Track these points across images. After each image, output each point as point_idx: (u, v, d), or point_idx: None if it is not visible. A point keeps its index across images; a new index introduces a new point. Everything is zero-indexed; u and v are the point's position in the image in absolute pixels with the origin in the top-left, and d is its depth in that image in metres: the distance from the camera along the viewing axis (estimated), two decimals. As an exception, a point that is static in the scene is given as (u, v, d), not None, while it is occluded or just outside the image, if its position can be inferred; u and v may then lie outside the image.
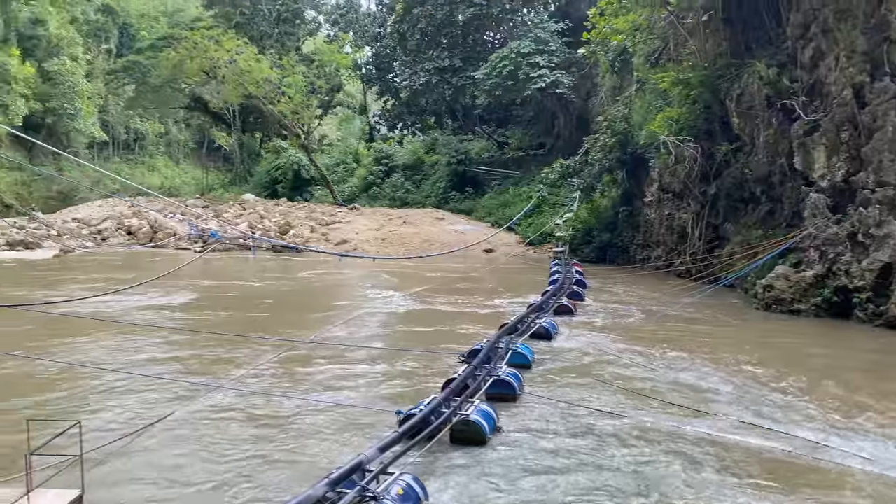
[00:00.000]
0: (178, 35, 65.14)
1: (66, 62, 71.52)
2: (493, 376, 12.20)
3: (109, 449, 9.44)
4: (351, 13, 72.67)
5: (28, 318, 17.98)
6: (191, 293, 24.50)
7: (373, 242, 40.30)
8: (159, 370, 13.90)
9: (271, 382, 13.37)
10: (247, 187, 66.11)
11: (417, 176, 56.41)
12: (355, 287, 28.39)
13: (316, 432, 10.57)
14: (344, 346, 16.33)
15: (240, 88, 56.46)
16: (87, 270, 31.18)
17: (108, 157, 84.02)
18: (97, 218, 46.64)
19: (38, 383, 13.20)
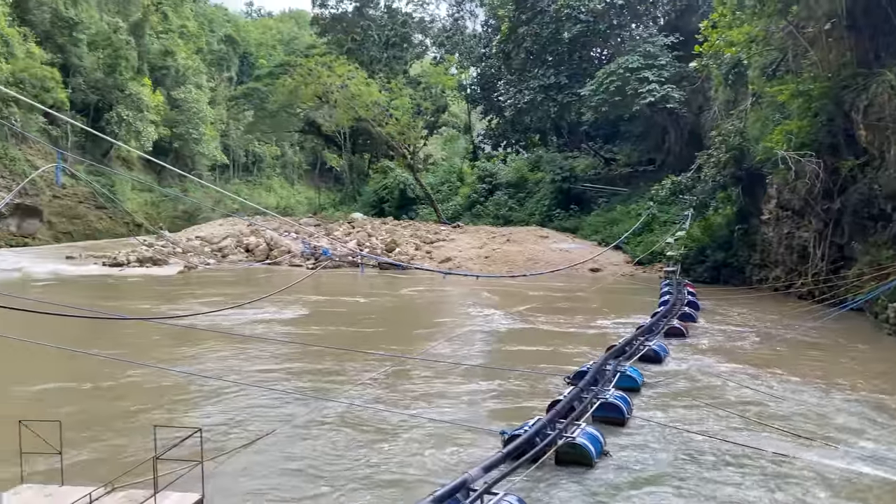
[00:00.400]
0: (293, 62, 68.34)
1: (191, 90, 76.67)
2: (601, 399, 11.88)
3: (227, 456, 9.88)
4: (457, 35, 73.87)
5: (154, 330, 19.18)
6: (302, 308, 25.37)
7: (476, 260, 40.43)
8: (272, 382, 14.44)
9: (377, 397, 13.59)
10: (356, 206, 68.11)
11: (521, 194, 56.25)
12: (457, 304, 28.54)
13: (420, 448, 10.63)
14: (447, 364, 16.40)
15: (350, 112, 58.40)
16: (207, 286, 32.96)
17: (229, 179, 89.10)
18: (218, 236, 49.32)
19: (162, 391, 14.01)
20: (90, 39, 64.32)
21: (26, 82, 52.40)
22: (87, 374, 15.03)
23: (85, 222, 59.87)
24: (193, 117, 75.38)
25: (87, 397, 13.67)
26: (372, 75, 63.35)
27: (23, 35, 56.58)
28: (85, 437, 10.74)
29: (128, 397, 13.61)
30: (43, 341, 13.67)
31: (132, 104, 63.93)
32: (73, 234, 57.46)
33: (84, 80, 62.78)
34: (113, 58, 63.73)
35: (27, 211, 53.10)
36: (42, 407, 12.33)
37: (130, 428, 11.57)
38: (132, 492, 7.78)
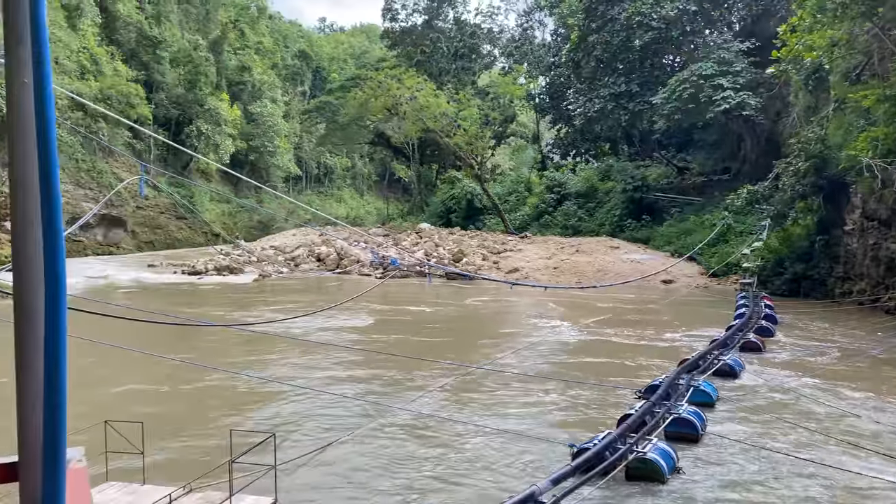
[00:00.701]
0: (363, 75, 69.67)
1: (267, 104, 79.09)
2: (673, 414, 11.57)
3: (300, 461, 10.08)
4: (526, 45, 73.81)
5: (229, 336, 19.78)
6: (370, 317, 25.70)
7: (544, 271, 40.10)
8: (341, 388, 14.66)
9: (443, 406, 13.61)
10: (423, 217, 68.65)
11: (591, 204, 55.55)
12: (524, 315, 28.35)
13: (486, 457, 10.58)
14: (514, 374, 16.29)
15: (419, 123, 59.02)
16: (280, 294, 33.79)
17: (302, 190, 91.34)
18: (291, 246, 50.56)
19: (236, 395, 14.42)
20: (172, 57, 67.20)
21: (113, 98, 55.10)
22: (165, 377, 15.61)
23: (166, 232, 62.39)
24: (268, 130, 77.70)
25: (166, 399, 14.20)
26: (440, 87, 63.89)
27: (110, 54, 59.62)
28: (164, 438, 11.15)
29: (204, 400, 14.05)
30: (125, 345, 14.28)
31: (211, 118, 66.37)
32: (154, 244, 59.96)
33: (166, 95, 65.58)
34: (193, 74, 66.35)
35: (113, 221, 55.74)
36: (125, 407, 12.86)
37: (206, 430, 11.94)
38: (209, 493, 8.02)
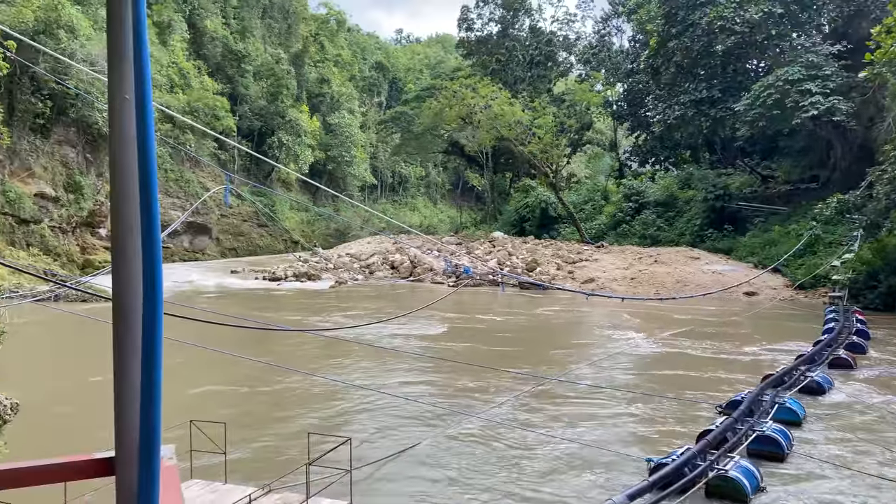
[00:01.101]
0: (439, 85, 70.31)
1: (345, 115, 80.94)
2: (757, 431, 11.12)
3: (374, 465, 10.21)
4: (603, 52, 72.92)
5: (306, 340, 20.24)
6: (443, 324, 25.81)
7: (621, 282, 39.35)
8: (414, 394, 14.77)
9: (516, 415, 13.52)
10: (496, 225, 68.57)
11: (670, 213, 54.20)
12: (598, 327, 27.89)
13: (559, 469, 10.45)
14: (588, 386, 16.02)
15: (493, 132, 59.08)
16: (355, 300, 34.38)
17: (377, 199, 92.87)
18: (366, 253, 51.42)
19: (313, 397, 14.73)
20: (255, 70, 69.62)
21: (199, 111, 57.50)
22: (244, 377, 16.10)
23: (248, 239, 64.52)
24: (346, 141, 79.45)
25: (245, 400, 14.64)
26: (515, 95, 63.80)
27: (197, 68, 62.28)
28: (244, 438, 11.49)
29: (281, 402, 14.42)
30: (209, 346, 14.80)
31: (291, 129, 68.36)
32: (237, 250, 62.10)
33: (249, 107, 67.96)
34: (275, 87, 68.55)
35: (199, 229, 58.07)
36: (206, 406, 13.33)
37: (284, 431, 12.24)
38: (287, 494, 8.23)
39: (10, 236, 39.02)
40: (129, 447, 1.50)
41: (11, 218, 39.52)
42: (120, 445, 1.51)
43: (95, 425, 12.69)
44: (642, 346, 22.52)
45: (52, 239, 41.69)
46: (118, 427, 1.52)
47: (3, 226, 38.80)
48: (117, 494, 1.52)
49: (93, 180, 46.17)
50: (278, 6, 77.80)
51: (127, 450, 1.50)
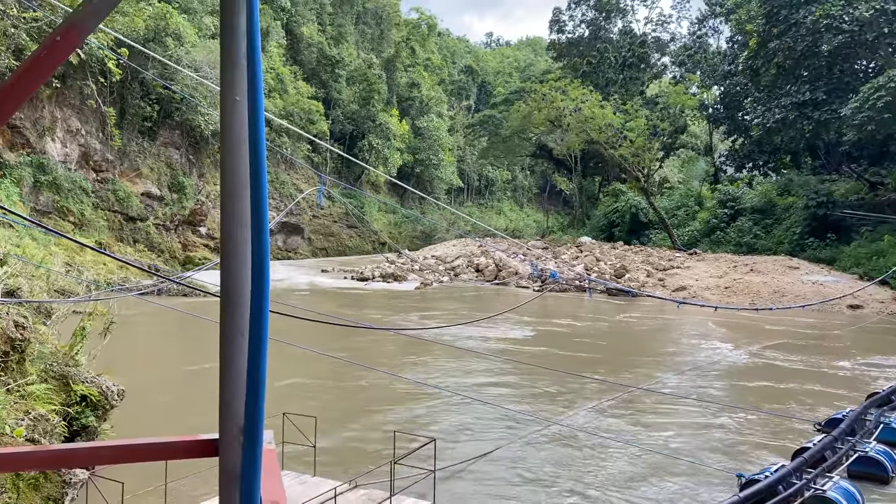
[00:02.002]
0: (528, 88, 70.04)
1: (433, 119, 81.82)
2: (859, 451, 10.52)
3: (458, 467, 10.28)
4: (699, 53, 70.75)
5: (390, 339, 20.57)
6: (527, 329, 25.66)
7: (714, 290, 38.00)
8: (496, 398, 14.76)
9: (598, 422, 13.30)
10: (584, 230, 67.59)
11: (768, 220, 51.92)
12: (687, 336, 27.02)
13: (642, 478, 10.21)
14: (674, 396, 15.56)
15: (582, 135, 58.31)
16: (441, 301, 34.67)
17: (463, 202, 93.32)
18: (451, 256, 51.80)
19: (396, 396, 14.97)
20: (348, 75, 71.36)
21: (295, 115, 59.44)
22: (329, 374, 16.52)
23: (338, 240, 66.17)
24: (434, 144, 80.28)
25: (332, 395, 15.02)
26: (606, 97, 62.75)
27: (293, 73, 64.39)
28: (331, 432, 11.80)
29: (366, 399, 14.73)
30: (296, 344, 15.28)
31: (381, 133, 69.68)
32: (327, 250, 63.80)
33: (342, 112, 69.71)
34: (367, 91, 70.04)
35: (292, 229, 60.04)
36: (293, 399, 13.77)
37: (369, 427, 12.50)
38: (372, 491, 8.41)
39: (119, 233, 41.50)
40: (232, 430, 1.59)
41: (120, 215, 42.04)
42: (223, 428, 1.60)
43: (191, 411, 13.34)
44: (733, 357, 21.70)
45: (156, 236, 44.07)
46: (222, 411, 1.61)
47: (112, 223, 41.32)
48: (220, 474, 1.60)
49: (194, 181, 48.51)
50: (372, 12, 79.48)
51: (230, 433, 1.59)
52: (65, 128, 39.29)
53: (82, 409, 9.92)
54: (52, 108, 38.29)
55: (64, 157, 39.11)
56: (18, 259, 17.24)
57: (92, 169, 41.07)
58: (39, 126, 37.51)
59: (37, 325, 11.12)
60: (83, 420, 9.81)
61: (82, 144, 40.36)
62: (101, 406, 10.22)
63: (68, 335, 11.47)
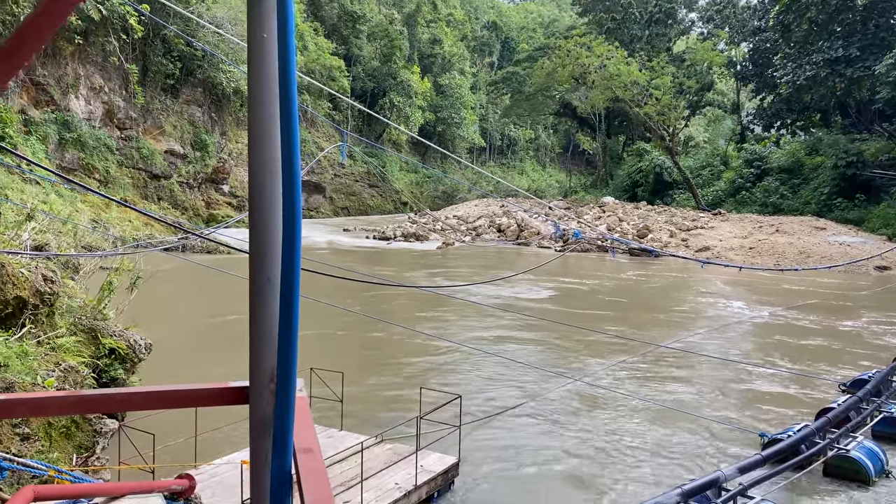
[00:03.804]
0: (552, 44, 68.73)
1: (455, 76, 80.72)
2: (884, 412, 10.45)
3: (482, 423, 10.39)
4: (728, 8, 68.72)
5: (411, 297, 20.66)
6: (548, 288, 25.64)
7: (738, 251, 37.60)
8: (520, 355, 14.82)
9: (620, 380, 13.33)
10: (607, 190, 66.93)
11: (795, 180, 51.03)
12: (710, 295, 26.84)
13: (665, 437, 10.24)
14: (695, 353, 15.53)
15: (607, 93, 57.32)
16: (462, 260, 34.70)
17: (485, 162, 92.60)
18: (473, 216, 51.65)
19: (420, 353, 15.08)
20: (369, 31, 70.42)
21: (316, 72, 58.97)
22: (353, 331, 16.67)
23: (359, 199, 66.20)
24: (456, 102, 79.36)
25: (356, 351, 15.18)
26: (632, 54, 61.44)
27: (314, 29, 63.70)
28: (357, 387, 11.95)
29: (390, 355, 14.87)
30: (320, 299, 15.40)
31: (403, 91, 68.98)
32: (349, 209, 63.91)
33: (363, 69, 69.02)
34: (388, 48, 69.17)
35: (313, 187, 60.12)
36: (319, 354, 13.94)
37: (393, 383, 12.64)
38: (397, 445, 8.52)
39: (143, 190, 41.83)
40: (262, 378, 1.58)
41: (145, 173, 42.32)
42: (253, 376, 1.59)
43: (215, 362, 13.56)
44: (756, 317, 21.56)
45: (180, 193, 44.37)
46: (253, 359, 1.60)
47: (137, 180, 41.63)
48: (251, 421, 1.60)
49: (217, 139, 48.56)
50: (394, -34, 78.13)
51: (260, 380, 1.58)
52: (88, 85, 39.37)
53: (111, 361, 10.12)
54: (76, 65, 38.33)
55: (88, 115, 39.28)
56: (46, 215, 17.46)
57: (116, 126, 41.24)
58: (63, 83, 37.62)
59: (65, 279, 11.29)
60: (112, 372, 10.02)
61: (106, 102, 40.47)
62: (129, 359, 10.42)
63: (96, 290, 11.64)
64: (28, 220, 11.97)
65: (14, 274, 9.06)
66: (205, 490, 6.86)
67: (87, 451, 7.30)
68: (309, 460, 1.44)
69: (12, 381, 6.79)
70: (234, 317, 18.11)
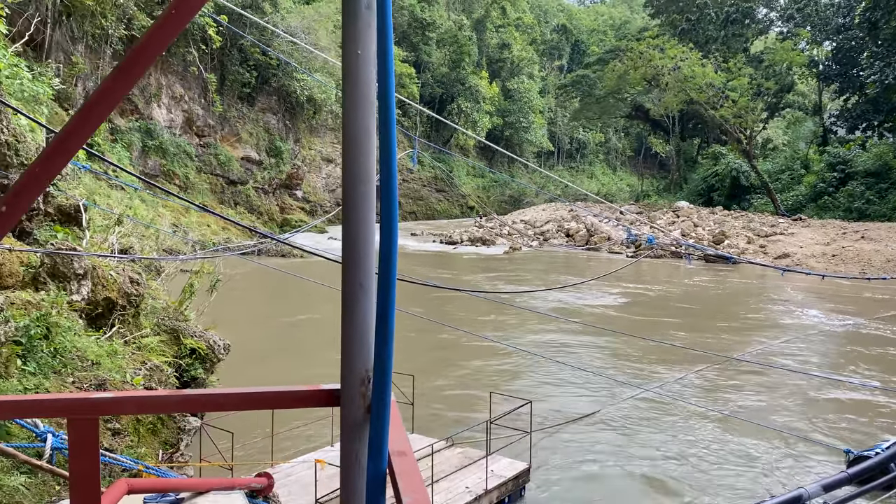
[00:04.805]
0: (624, 47, 67.68)
1: (524, 80, 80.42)
2: (982, 430, 9.84)
3: (553, 430, 10.32)
4: (810, 6, 66.15)
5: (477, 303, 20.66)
6: (620, 295, 25.21)
7: (820, 258, 36.08)
8: (589, 363, 14.64)
9: (692, 389, 12.99)
10: (681, 194, 65.37)
11: (883, 184, 48.62)
12: (789, 304, 25.82)
13: (740, 449, 9.93)
14: (774, 364, 14.97)
15: (681, 95, 56.05)
16: (530, 265, 34.50)
17: (553, 166, 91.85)
18: (541, 220, 51.27)
19: (488, 359, 15.07)
20: (438, 38, 70.94)
21: (386, 79, 59.62)
22: (421, 334, 16.78)
23: (426, 203, 66.71)
24: (524, 106, 79.05)
25: (424, 355, 15.28)
26: (707, 55, 59.91)
27: (385, 38, 64.53)
28: (426, 391, 12.03)
29: (460, 359, 14.91)
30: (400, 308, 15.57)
31: (471, 96, 69.19)
32: (416, 214, 64.48)
33: (431, 75, 69.58)
34: (457, 54, 69.52)
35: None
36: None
37: (462, 388, 12.67)
38: (468, 449, 8.55)
39: (220, 196, 43.29)
40: (353, 381, 1.62)
41: (222, 179, 43.81)
42: (345, 379, 1.63)
43: (290, 361, 13.90)
44: (840, 328, 20.64)
45: (255, 199, 45.72)
46: (345, 362, 1.64)
47: (214, 186, 43.13)
48: (342, 423, 1.64)
49: (290, 145, 49.84)
50: (463, -28, 78.54)
51: (352, 383, 1.62)
52: (170, 94, 41.08)
53: (192, 361, 10.51)
54: (158, 75, 40.06)
55: (169, 123, 40.97)
56: (130, 219, 18.28)
57: (195, 134, 42.87)
58: (147, 93, 39.37)
59: (149, 281, 11.80)
60: (192, 372, 10.40)
61: (186, 110, 42.12)
62: (208, 359, 10.80)
63: (177, 292, 12.12)
64: (117, 225, 12.57)
65: (104, 276, 9.53)
66: (281, 489, 7.04)
67: (171, 447, 7.61)
68: (404, 463, 1.47)
69: (104, 379, 7.15)
70: (305, 317, 18.57)
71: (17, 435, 5.94)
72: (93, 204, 17.01)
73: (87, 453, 1.67)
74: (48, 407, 1.81)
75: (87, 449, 1.67)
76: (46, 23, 30.23)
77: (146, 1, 35.63)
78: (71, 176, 14.01)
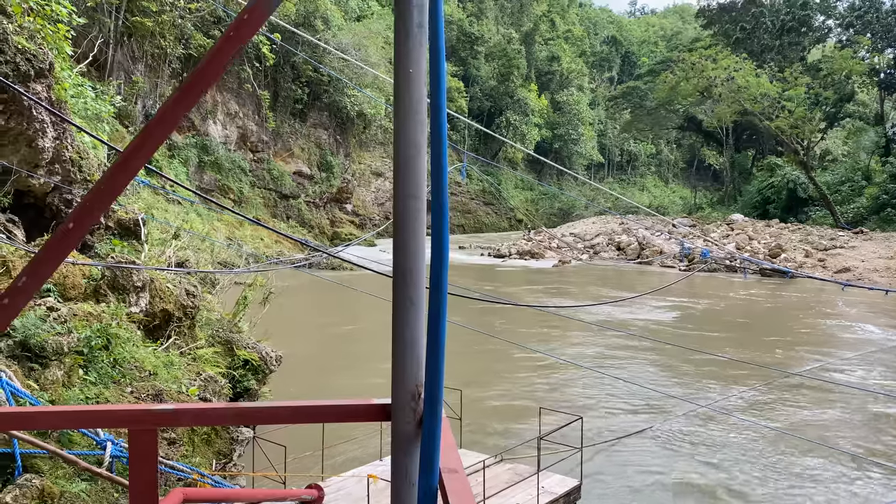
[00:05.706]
0: (675, 58, 66.81)
1: (573, 93, 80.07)
2: None
3: (605, 446, 10.16)
4: (870, 13, 64.21)
5: (528, 316, 20.53)
6: (674, 310, 24.74)
7: (883, 272, 34.76)
8: (642, 378, 14.36)
9: (749, 407, 12.62)
10: (735, 207, 63.93)
11: (950, 196, 46.79)
12: (851, 320, 24.90)
13: (800, 471, 9.58)
14: (833, 381, 14.43)
15: (735, 106, 54.95)
16: (581, 279, 34.14)
17: (603, 178, 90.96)
18: (591, 233, 50.74)
19: (538, 373, 14.94)
20: (487, 51, 71.21)
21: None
22: (467, 348, 16.74)
23: (475, 217, 66.78)
24: (573, 119, 78.64)
25: (472, 367, 15.24)
26: (761, 65, 58.64)
27: (437, 52, 65.12)
28: (473, 404, 11.99)
29: (506, 373, 14.82)
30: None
31: (519, 109, 69.17)
32: (464, 227, 64.59)
33: (480, 88, 69.82)
34: (506, 67, 69.64)
35: (429, 205, 61.22)
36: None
37: (511, 402, 12.58)
38: (518, 465, 8.48)
39: (273, 209, 44.15)
40: (404, 396, 1.62)
41: (275, 193, 44.70)
42: (396, 394, 1.64)
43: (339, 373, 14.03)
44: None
45: (306, 213, 46.49)
46: (395, 378, 1.65)
47: (267, 200, 44.02)
48: (393, 438, 1.65)
49: (341, 160, 50.60)
50: (511, -14, 78.82)
51: (402, 399, 1.62)
52: (225, 111, 42.19)
53: (245, 372, 10.71)
54: (214, 92, 41.19)
55: (224, 139, 42.05)
56: (187, 233, 18.77)
57: (249, 149, 43.89)
58: (203, 109, 40.51)
59: (204, 293, 12.09)
60: (245, 383, 10.58)
61: (240, 126, 43.18)
62: (261, 370, 10.98)
63: (230, 304, 12.37)
64: (174, 238, 12.92)
65: (161, 288, 9.80)
66: (331, 503, 7.09)
67: (224, 457, 7.75)
68: (455, 481, 1.47)
69: (161, 389, 7.34)
70: (353, 326, 18.74)
71: (79, 443, 6.14)
72: (151, 218, 17.54)
73: (146, 463, 1.72)
74: (111, 418, 1.87)
75: (146, 459, 1.71)
76: (109, 43, 31.43)
77: (203, 21, 36.72)
78: (131, 191, 14.50)
